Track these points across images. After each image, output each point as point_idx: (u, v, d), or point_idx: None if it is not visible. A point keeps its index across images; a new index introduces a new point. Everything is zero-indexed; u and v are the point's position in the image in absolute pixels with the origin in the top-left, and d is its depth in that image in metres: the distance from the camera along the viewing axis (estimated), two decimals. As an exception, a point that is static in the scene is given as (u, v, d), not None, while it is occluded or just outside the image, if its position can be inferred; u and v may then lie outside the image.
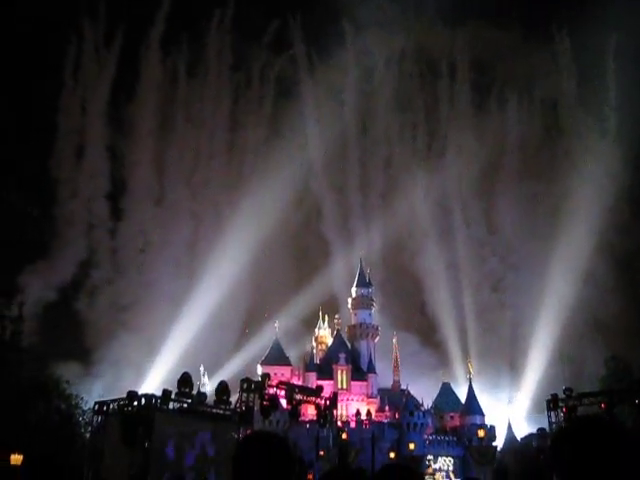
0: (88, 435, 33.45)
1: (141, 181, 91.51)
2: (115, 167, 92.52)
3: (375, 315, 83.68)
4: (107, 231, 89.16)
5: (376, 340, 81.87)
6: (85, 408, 44.29)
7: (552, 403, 30.73)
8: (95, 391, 56.51)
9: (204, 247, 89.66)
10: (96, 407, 27.81)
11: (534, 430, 59.79)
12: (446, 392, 74.75)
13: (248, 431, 29.89)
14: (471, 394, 71.25)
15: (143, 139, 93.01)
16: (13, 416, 37.05)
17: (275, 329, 78.84)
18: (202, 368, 70.20)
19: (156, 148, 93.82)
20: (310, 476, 39.54)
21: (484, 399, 72.38)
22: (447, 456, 65.20)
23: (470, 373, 73.93)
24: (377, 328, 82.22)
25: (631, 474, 1.42)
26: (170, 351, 75.38)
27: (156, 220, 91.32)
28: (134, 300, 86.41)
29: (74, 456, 30.98)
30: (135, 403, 25.70)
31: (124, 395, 26.55)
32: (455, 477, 55.49)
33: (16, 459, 28.52)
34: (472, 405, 69.90)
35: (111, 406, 27.05)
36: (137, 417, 24.57)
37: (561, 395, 31.20)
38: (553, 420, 30.13)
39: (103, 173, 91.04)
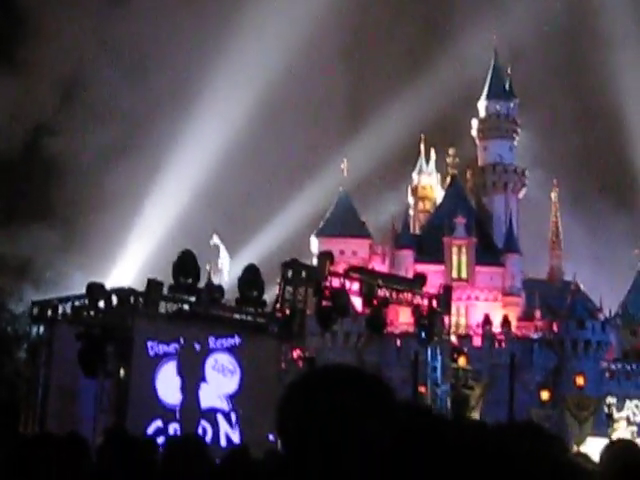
0: (22, 357, 34.91)
1: None
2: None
3: (520, 151, 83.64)
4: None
5: (521, 195, 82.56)
6: (17, 312, 46.23)
7: None
8: (30, 286, 58.79)
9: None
10: (34, 311, 28.42)
11: None
12: (645, 288, 75.27)
13: (296, 351, 30.68)
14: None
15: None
16: None
17: (342, 173, 79.40)
18: (216, 240, 71.77)
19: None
20: None
21: None
22: (640, 399, 66.14)
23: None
24: (523, 173, 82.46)
25: None
26: (156, 214, 77.09)
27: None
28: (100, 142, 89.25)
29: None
30: (101, 304, 26.18)
31: (81, 291, 27.11)
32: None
33: None
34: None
35: (60, 309, 27.57)
36: (105, 327, 25.03)
37: None
38: None
39: None
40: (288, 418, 2.12)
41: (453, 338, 48.54)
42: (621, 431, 61.94)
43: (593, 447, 28.63)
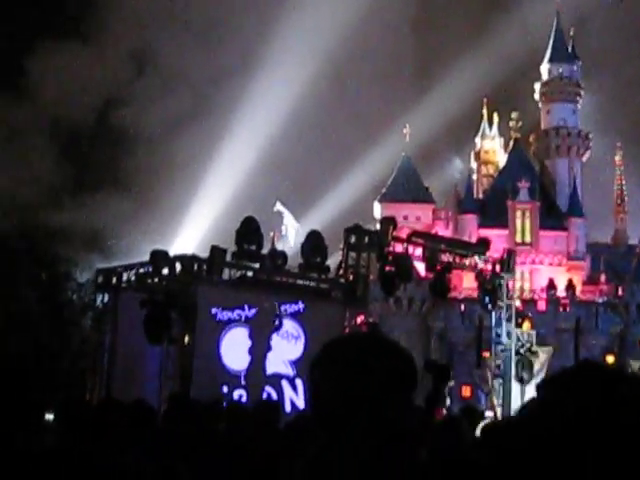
0: (88, 325, 35.28)
1: None
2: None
3: (584, 114, 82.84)
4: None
5: (585, 158, 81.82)
6: (81, 280, 46.84)
7: None
8: (98, 256, 59.27)
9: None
10: (99, 279, 28.72)
11: None
12: None
13: (360, 317, 30.45)
14: None
15: None
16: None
17: (404, 138, 79.15)
18: (280, 206, 71.87)
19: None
20: (467, 390, 41.08)
21: None
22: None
23: None
24: (587, 136, 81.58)
25: None
26: (218, 182, 77.36)
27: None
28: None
29: (66, 361, 33.06)
30: (165, 271, 26.40)
31: (145, 259, 27.34)
32: None
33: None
34: None
35: (124, 276, 27.86)
36: (168, 294, 25.10)
37: None
38: None
39: None
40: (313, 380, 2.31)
41: (517, 303, 48.04)
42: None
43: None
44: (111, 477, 3.85)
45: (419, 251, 30.49)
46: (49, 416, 4.87)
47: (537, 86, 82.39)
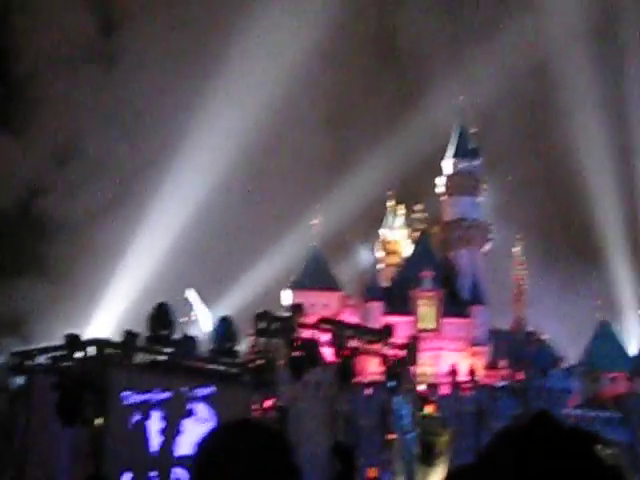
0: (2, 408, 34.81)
1: None
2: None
3: (484, 207, 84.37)
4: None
5: (486, 249, 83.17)
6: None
7: None
8: (19, 340, 58.80)
9: (189, 83, 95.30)
10: (13, 362, 28.35)
11: None
12: (605, 338, 75.83)
13: (268, 402, 30.68)
14: (647, 342, 71.95)
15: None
16: None
17: (312, 230, 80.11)
18: (191, 294, 71.95)
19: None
20: (373, 472, 41.16)
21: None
22: (605, 444, 66.29)
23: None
24: (488, 228, 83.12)
25: None
26: (134, 268, 78.11)
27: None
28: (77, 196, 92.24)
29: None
30: (78, 355, 26.07)
31: (59, 342, 27.07)
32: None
33: None
34: (650, 360, 70.56)
35: (38, 359, 27.50)
36: (81, 377, 25.01)
37: None
38: None
39: None
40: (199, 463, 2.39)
41: (421, 387, 48.64)
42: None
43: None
44: None
45: (326, 337, 30.36)
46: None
47: (441, 180, 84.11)
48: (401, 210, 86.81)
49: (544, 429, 1.85)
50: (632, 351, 74.14)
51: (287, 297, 72.62)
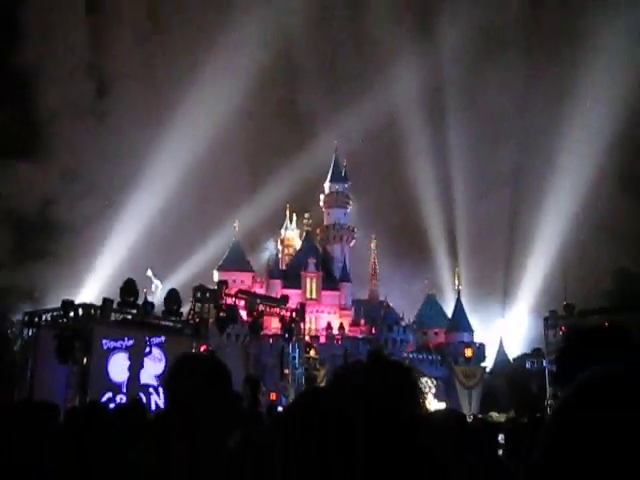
0: (18, 351, 34.04)
1: None
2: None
3: (351, 215, 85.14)
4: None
5: (352, 244, 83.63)
6: (13, 319, 45.03)
7: (550, 320, 31.91)
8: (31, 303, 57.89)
9: (154, 130, 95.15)
10: (26, 318, 28.08)
11: (528, 351, 60.80)
12: (431, 305, 76.47)
13: (203, 347, 30.75)
14: (459, 308, 72.69)
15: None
16: None
17: (234, 229, 79.71)
18: (150, 273, 71.04)
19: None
20: (274, 396, 41.00)
21: (474, 315, 74.17)
22: (430, 377, 67.31)
23: (459, 284, 75.03)
24: (353, 230, 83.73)
25: None
26: (113, 254, 78.25)
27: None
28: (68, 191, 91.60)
29: (1, 375, 31.80)
30: (71, 314, 26.03)
31: (58, 305, 26.89)
32: (438, 400, 56.88)
33: None
34: (460, 320, 71.46)
35: (43, 317, 27.33)
36: (73, 330, 24.98)
37: (561, 312, 32.37)
38: (550, 340, 31.35)
39: None
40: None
41: (307, 338, 49.12)
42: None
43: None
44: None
45: (242, 303, 30.83)
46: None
47: (322, 197, 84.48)
48: (294, 217, 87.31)
49: (377, 360, 1.86)
50: (449, 314, 74.53)
51: (216, 276, 72.32)
